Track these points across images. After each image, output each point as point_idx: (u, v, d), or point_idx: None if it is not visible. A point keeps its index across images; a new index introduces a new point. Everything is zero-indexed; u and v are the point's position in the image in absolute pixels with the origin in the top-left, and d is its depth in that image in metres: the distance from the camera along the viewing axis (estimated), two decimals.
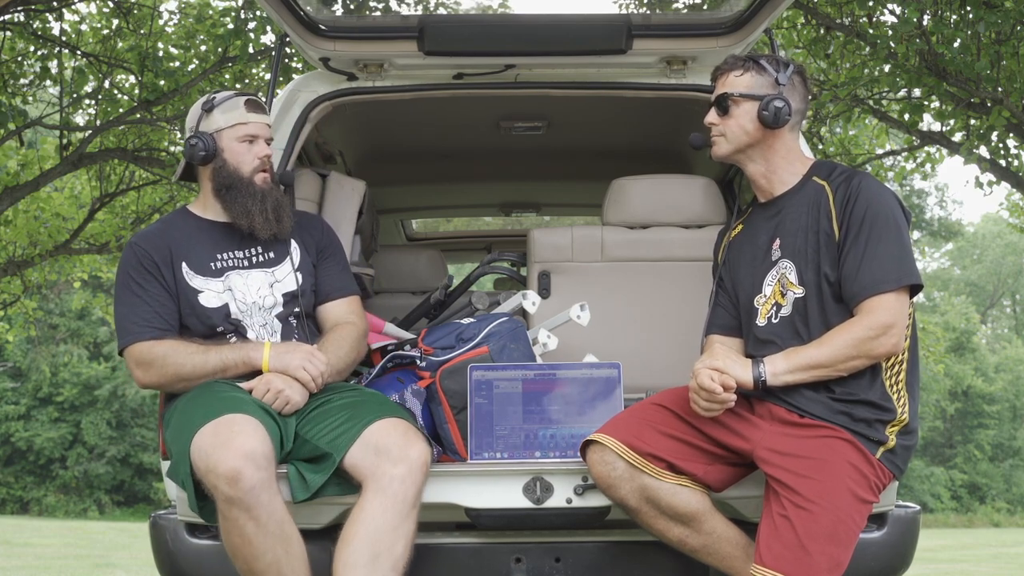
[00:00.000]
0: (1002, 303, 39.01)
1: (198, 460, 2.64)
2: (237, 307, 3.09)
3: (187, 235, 3.15)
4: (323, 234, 3.32)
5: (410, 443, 2.77)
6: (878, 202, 2.77)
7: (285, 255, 3.20)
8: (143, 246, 3.10)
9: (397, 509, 2.70)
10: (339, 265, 3.31)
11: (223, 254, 3.14)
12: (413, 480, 2.73)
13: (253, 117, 3.14)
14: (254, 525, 2.62)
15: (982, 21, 7.17)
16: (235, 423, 2.68)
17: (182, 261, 3.09)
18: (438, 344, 3.22)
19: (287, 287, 3.16)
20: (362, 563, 2.64)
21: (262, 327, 3.10)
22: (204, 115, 3.15)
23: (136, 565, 10.89)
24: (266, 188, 3.13)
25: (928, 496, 29.27)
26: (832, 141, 10.50)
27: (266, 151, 3.16)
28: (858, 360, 2.69)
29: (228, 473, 2.58)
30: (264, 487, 2.62)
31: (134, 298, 3.05)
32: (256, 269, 3.15)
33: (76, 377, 26.49)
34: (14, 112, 8.64)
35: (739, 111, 2.90)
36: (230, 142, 3.13)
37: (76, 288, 17.56)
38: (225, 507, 2.63)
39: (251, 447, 2.62)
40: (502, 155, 5.23)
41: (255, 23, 8.80)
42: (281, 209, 3.15)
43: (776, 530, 2.61)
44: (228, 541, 2.68)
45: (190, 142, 3.11)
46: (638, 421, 2.82)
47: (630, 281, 3.70)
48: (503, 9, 4.93)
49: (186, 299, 3.07)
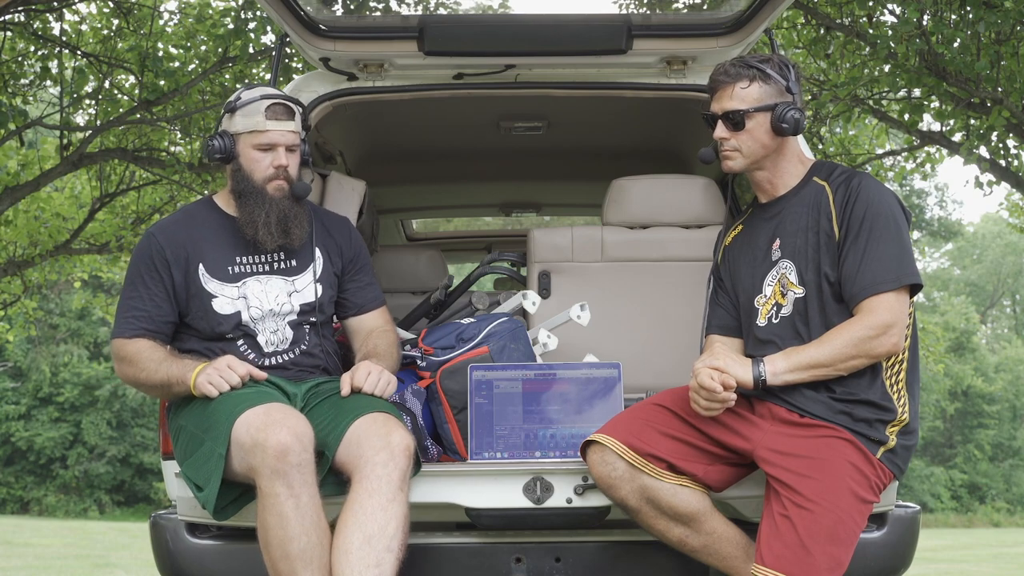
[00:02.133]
0: (1002, 303, 38.99)
1: (245, 436, 2.67)
2: (250, 314, 3.06)
3: (209, 233, 3.11)
4: (351, 243, 3.26)
5: (390, 431, 2.78)
6: (878, 202, 2.77)
7: (308, 264, 3.15)
8: (160, 240, 3.07)
9: (383, 491, 2.70)
10: (369, 276, 3.29)
11: (242, 258, 3.10)
12: (396, 464, 2.73)
13: (272, 125, 3.04)
14: (294, 504, 2.64)
15: (982, 21, 7.16)
16: (286, 409, 2.76)
17: (199, 262, 3.06)
18: (438, 344, 3.23)
19: (306, 298, 3.13)
20: (355, 547, 2.64)
21: (272, 333, 3.09)
22: (227, 115, 3.09)
23: (136, 565, 10.89)
24: (277, 197, 3.05)
25: (928, 496, 29.26)
26: (832, 141, 10.49)
27: (282, 161, 3.05)
28: (858, 360, 2.69)
29: (278, 446, 2.62)
30: (308, 468, 2.67)
31: (134, 292, 3.05)
32: (276, 276, 3.11)
33: (76, 377, 26.47)
34: (14, 112, 8.63)
35: (753, 124, 2.86)
36: (246, 148, 3.06)
37: (76, 288, 17.56)
38: (268, 483, 2.64)
39: (301, 429, 2.70)
40: (502, 155, 5.23)
41: (255, 23, 8.79)
42: (289, 221, 3.05)
43: (777, 530, 2.61)
44: (263, 521, 2.67)
45: (210, 142, 3.08)
46: (638, 421, 2.82)
47: (630, 281, 3.70)
48: (503, 9, 4.93)
49: (199, 302, 3.05)
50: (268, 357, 3.08)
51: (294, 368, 3.09)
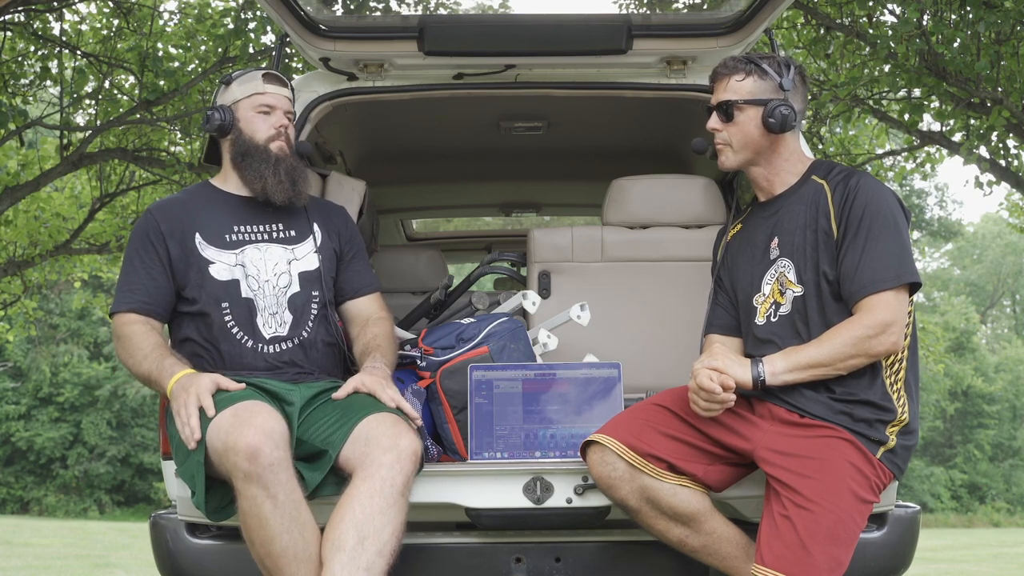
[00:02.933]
0: (1002, 303, 39.00)
1: (216, 441, 2.65)
2: (248, 284, 3.06)
3: (205, 205, 3.15)
4: (346, 226, 3.32)
5: (400, 433, 2.76)
6: (877, 200, 2.76)
7: (307, 235, 3.19)
8: (156, 216, 3.11)
9: (385, 494, 2.68)
10: (364, 260, 3.32)
11: (241, 226, 3.13)
12: (401, 468, 2.71)
13: (271, 88, 3.16)
14: (271, 504, 2.62)
15: (982, 21, 7.16)
16: (253, 407, 2.71)
17: (195, 232, 3.09)
18: (438, 344, 3.23)
19: (306, 266, 3.14)
20: (348, 546, 2.61)
21: (272, 315, 3.07)
22: (223, 88, 3.19)
23: (136, 565, 10.89)
24: (281, 155, 3.13)
25: (928, 496, 29.27)
26: (832, 141, 10.50)
27: (283, 121, 3.16)
28: (857, 359, 2.69)
29: (247, 449, 2.59)
30: (282, 466, 2.63)
31: (131, 266, 3.08)
32: (276, 244, 3.14)
33: (76, 377, 26.49)
34: (14, 112, 8.64)
35: (743, 117, 2.89)
36: (246, 112, 3.14)
37: (76, 288, 17.57)
38: (243, 486, 2.62)
39: (270, 426, 2.65)
40: (502, 155, 5.23)
41: (255, 23, 8.80)
42: (296, 174, 3.13)
43: (777, 530, 2.61)
44: (245, 524, 2.66)
45: (208, 114, 3.14)
46: (638, 421, 2.82)
47: (630, 281, 3.70)
48: (503, 9, 4.94)
49: (197, 269, 3.06)
50: (267, 344, 3.05)
51: (291, 371, 3.05)
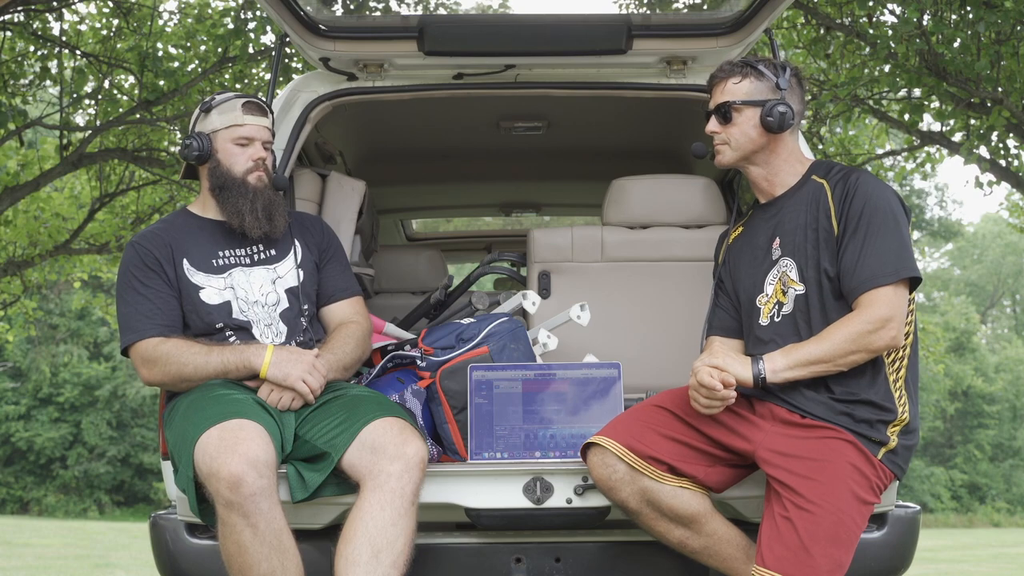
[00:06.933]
0: (1002, 303, 38.99)
1: (201, 463, 2.64)
2: (239, 306, 3.07)
3: (188, 233, 3.14)
4: (324, 236, 3.31)
5: (407, 441, 2.76)
6: (876, 197, 2.77)
7: (287, 252, 3.19)
8: (144, 244, 3.09)
9: (395, 505, 2.69)
10: (341, 266, 3.31)
11: (224, 251, 3.13)
12: (410, 476, 2.73)
13: (250, 119, 3.12)
14: (251, 533, 2.61)
15: (982, 21, 7.17)
16: (241, 429, 2.67)
17: (183, 258, 3.08)
18: (438, 344, 3.22)
19: (289, 283, 3.15)
20: (363, 560, 2.63)
21: (267, 326, 3.09)
22: (202, 116, 3.15)
23: (136, 565, 10.88)
24: (259, 187, 3.11)
25: (928, 496, 29.26)
26: (832, 141, 10.50)
27: (260, 154, 3.13)
28: (857, 354, 2.68)
29: (230, 478, 2.58)
30: (264, 495, 2.62)
31: (137, 296, 3.03)
32: (258, 267, 3.14)
33: (76, 377, 26.48)
34: (14, 112, 8.65)
35: (741, 118, 2.90)
36: (224, 143, 3.11)
37: (76, 288, 17.58)
38: (224, 512, 2.62)
39: (255, 454, 2.62)
40: (502, 155, 5.23)
41: (255, 23, 8.80)
42: (272, 208, 3.12)
43: (778, 531, 2.61)
44: (224, 548, 2.67)
45: (186, 142, 3.12)
46: (639, 423, 2.82)
47: (630, 281, 3.70)
48: (503, 9, 4.92)
49: (188, 296, 3.06)
50: None
51: None
